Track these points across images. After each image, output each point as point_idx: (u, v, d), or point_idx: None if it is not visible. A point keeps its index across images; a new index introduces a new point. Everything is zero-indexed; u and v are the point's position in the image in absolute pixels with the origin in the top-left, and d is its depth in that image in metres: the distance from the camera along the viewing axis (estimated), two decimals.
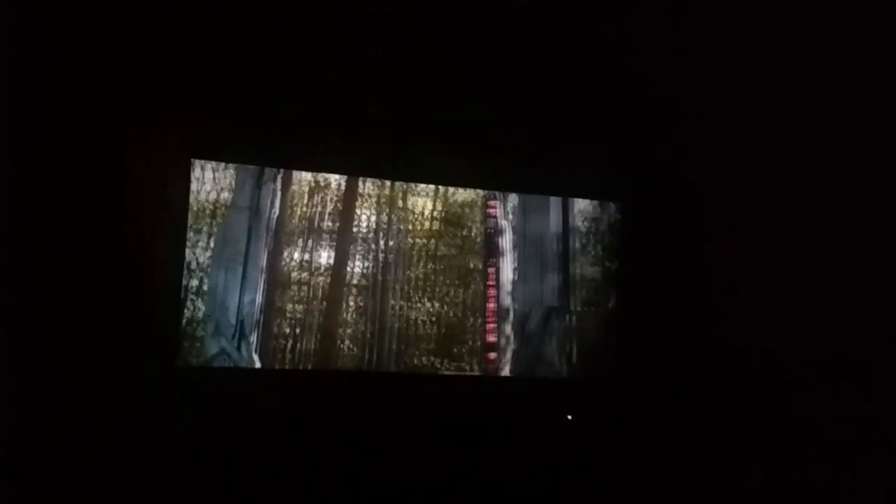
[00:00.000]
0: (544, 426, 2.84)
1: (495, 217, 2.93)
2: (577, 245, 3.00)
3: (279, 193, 2.69)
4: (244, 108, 2.60)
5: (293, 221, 2.70)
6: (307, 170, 2.72)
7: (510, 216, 2.95)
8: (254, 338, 2.61)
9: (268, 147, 2.68)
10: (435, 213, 2.86)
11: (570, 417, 2.87)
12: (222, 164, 2.61)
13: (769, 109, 2.49)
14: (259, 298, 2.63)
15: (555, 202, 2.99)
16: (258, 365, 2.61)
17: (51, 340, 2.26)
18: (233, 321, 2.58)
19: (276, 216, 2.68)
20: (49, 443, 2.23)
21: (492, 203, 2.93)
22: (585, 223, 3.01)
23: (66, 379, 2.28)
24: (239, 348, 2.59)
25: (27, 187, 2.24)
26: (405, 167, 2.82)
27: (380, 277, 2.78)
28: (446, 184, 2.87)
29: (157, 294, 2.46)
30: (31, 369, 2.23)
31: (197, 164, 2.58)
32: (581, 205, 3.01)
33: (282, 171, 2.69)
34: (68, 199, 2.31)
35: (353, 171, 2.78)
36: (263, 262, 2.64)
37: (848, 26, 2.10)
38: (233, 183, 2.62)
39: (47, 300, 2.26)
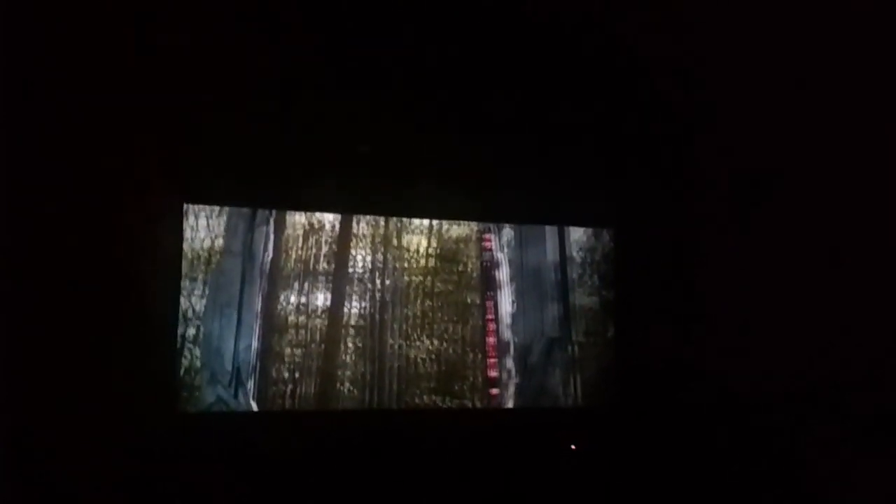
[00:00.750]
0: (550, 456, 2.81)
1: (491, 250, 2.92)
2: (575, 275, 2.99)
3: (272, 237, 2.66)
4: (236, 150, 2.59)
5: (288, 265, 2.67)
6: (302, 210, 2.71)
7: (506, 249, 2.94)
8: (251, 384, 2.57)
9: (262, 188, 2.66)
10: (430, 250, 2.85)
11: (573, 447, 2.85)
12: (215, 211, 2.58)
13: (760, 134, 2.54)
14: (255, 344, 2.59)
15: (550, 233, 2.99)
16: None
17: (47, 392, 2.21)
18: (229, 368, 2.54)
19: (269, 260, 2.65)
20: (49, 490, 2.17)
21: (487, 237, 2.92)
22: (581, 253, 3.01)
23: (65, 429, 2.22)
24: (236, 396, 2.54)
25: (18, 237, 2.20)
26: (398, 203, 2.82)
27: (377, 317, 2.75)
28: (440, 217, 2.86)
29: (154, 343, 2.41)
30: (29, 414, 2.18)
31: (190, 210, 2.55)
32: (576, 235, 3.01)
33: (274, 214, 2.67)
34: (62, 253, 2.28)
35: (348, 209, 2.77)
36: (258, 307, 2.61)
37: (846, 45, 2.15)
38: (225, 228, 2.60)
39: (44, 353, 2.21)
